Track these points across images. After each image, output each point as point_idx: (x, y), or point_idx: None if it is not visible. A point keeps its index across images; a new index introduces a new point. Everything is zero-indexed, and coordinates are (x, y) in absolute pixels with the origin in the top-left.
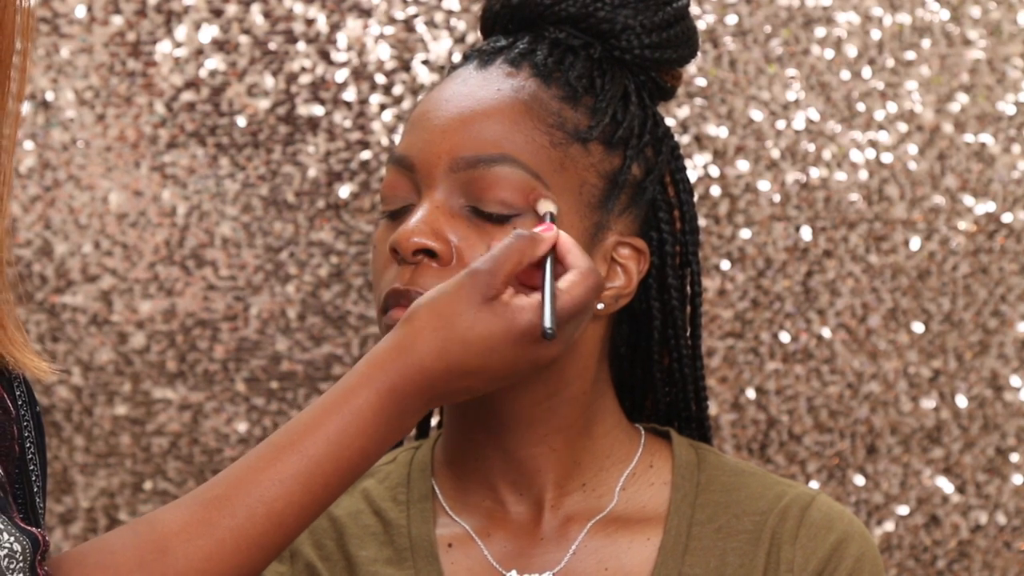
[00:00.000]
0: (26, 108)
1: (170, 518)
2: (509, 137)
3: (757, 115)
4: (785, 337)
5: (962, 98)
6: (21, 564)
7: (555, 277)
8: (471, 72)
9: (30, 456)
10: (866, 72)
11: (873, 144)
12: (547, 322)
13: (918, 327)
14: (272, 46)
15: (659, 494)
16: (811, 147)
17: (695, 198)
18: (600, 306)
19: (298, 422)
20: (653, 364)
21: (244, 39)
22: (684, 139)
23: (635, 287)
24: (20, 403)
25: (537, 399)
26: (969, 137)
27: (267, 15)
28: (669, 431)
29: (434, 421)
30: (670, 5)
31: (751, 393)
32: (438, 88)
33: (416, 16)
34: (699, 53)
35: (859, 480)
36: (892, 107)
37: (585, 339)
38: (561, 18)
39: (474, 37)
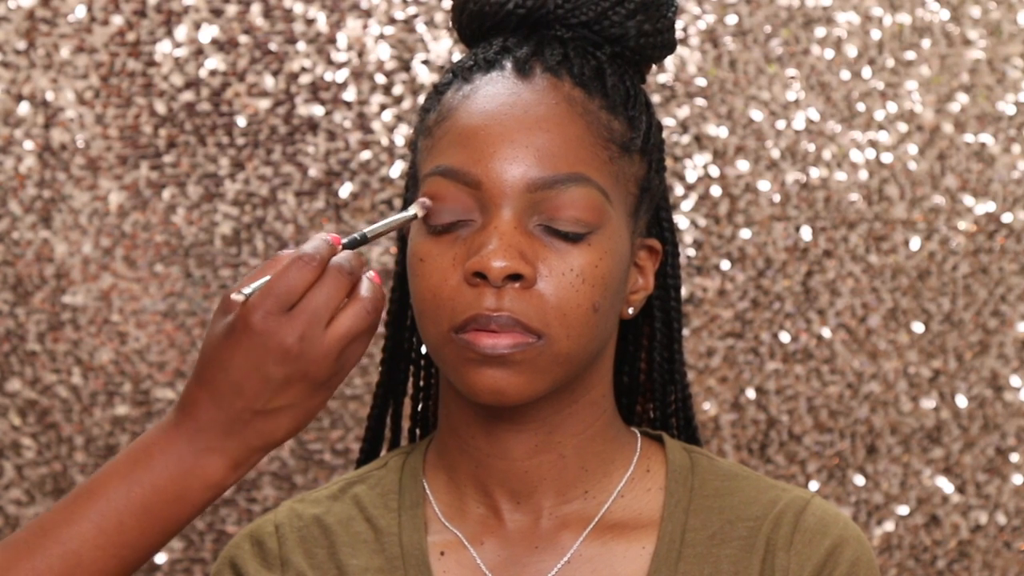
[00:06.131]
0: (26, 108)
1: None
2: (579, 155)
3: (757, 115)
4: (785, 337)
5: (962, 98)
6: None
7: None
8: (514, 81)
9: None
10: (866, 72)
11: (873, 144)
12: (244, 288)
13: (918, 327)
14: (272, 46)
15: (654, 500)
16: (811, 147)
17: (694, 198)
18: (630, 311)
19: (101, 468)
20: (654, 366)
21: (244, 39)
22: (684, 139)
23: (652, 286)
24: None
25: (560, 406)
26: (969, 137)
27: (267, 15)
28: (662, 435)
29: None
30: (670, 8)
31: (751, 393)
32: (482, 98)
33: (416, 16)
34: (699, 53)
35: (859, 480)
36: (892, 107)
37: (609, 341)
38: (572, 24)
39: None
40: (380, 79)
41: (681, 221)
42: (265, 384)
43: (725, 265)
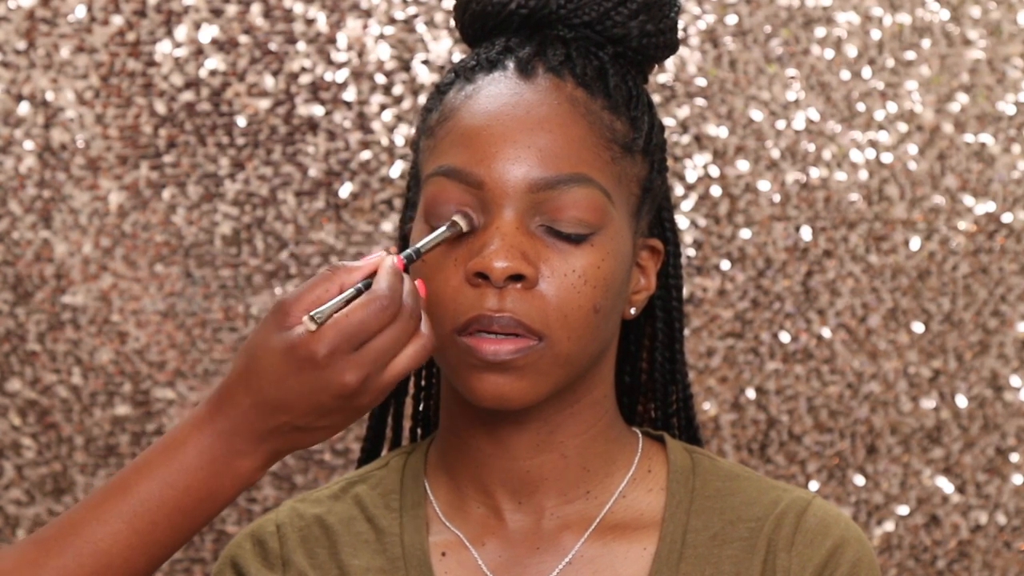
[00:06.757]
0: (26, 108)
1: (5, 558)
2: (581, 155)
3: (757, 115)
4: (785, 337)
5: (962, 98)
6: None
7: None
8: (516, 81)
9: None
10: (866, 72)
11: (873, 144)
12: (314, 313)
13: (918, 327)
14: (272, 46)
15: (656, 500)
16: (811, 147)
17: (694, 198)
18: (632, 311)
19: (131, 464)
20: (655, 366)
21: (244, 39)
22: (684, 139)
23: (655, 286)
24: None
25: (561, 406)
26: (969, 137)
27: (267, 15)
28: (663, 435)
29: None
30: (672, 9)
31: (751, 393)
32: (484, 98)
33: (416, 16)
34: (699, 53)
35: (859, 480)
36: (892, 107)
37: (611, 342)
38: (574, 24)
39: None
40: (380, 79)
41: (681, 221)
42: (315, 410)
43: (725, 265)
